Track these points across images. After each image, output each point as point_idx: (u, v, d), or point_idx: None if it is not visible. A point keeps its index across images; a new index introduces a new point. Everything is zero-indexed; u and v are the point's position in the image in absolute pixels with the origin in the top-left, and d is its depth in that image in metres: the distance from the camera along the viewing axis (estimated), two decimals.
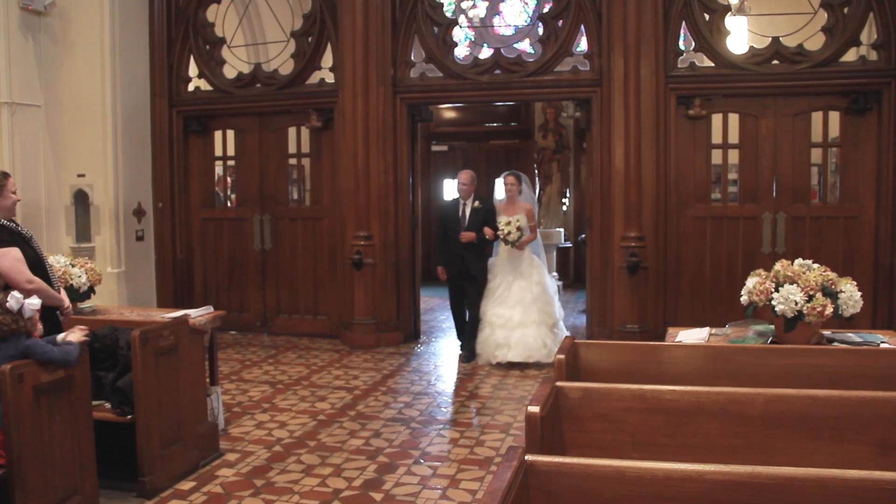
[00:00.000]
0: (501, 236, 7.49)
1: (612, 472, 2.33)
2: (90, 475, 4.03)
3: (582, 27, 7.90)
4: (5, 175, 4.38)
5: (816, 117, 7.60)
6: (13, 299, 3.66)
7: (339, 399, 6.43)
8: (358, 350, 8.22)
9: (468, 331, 7.84)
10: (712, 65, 7.65)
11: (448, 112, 13.84)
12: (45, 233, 7.96)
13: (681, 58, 7.70)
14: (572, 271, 13.07)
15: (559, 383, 3.24)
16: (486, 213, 7.67)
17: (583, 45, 8.32)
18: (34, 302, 3.70)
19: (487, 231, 7.59)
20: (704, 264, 7.72)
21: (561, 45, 7.90)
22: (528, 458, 2.39)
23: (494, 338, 7.53)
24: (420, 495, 4.47)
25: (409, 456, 5.12)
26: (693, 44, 7.76)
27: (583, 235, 12.52)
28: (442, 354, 8.21)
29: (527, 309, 7.49)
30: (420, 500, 4.40)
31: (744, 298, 4.47)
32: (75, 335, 3.82)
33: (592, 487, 2.35)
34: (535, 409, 2.87)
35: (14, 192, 4.38)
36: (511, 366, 7.49)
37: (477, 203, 7.70)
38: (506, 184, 7.79)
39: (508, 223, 7.44)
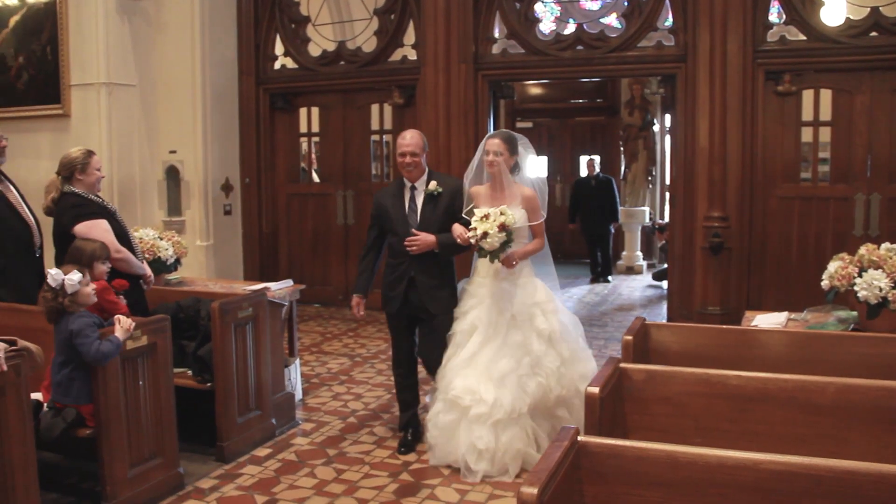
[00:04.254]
0: (473, 241, 4.32)
1: (665, 457, 2.32)
2: (171, 438, 4.23)
3: (667, 1, 7.70)
4: (90, 153, 4.60)
5: None
6: (52, 277, 3.81)
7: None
8: None
9: (411, 398, 4.99)
10: (804, 38, 7.34)
11: (533, 88, 13.72)
12: (139, 206, 8.31)
13: (770, 31, 7.42)
14: (658, 250, 12.84)
15: (623, 364, 3.23)
16: (452, 202, 4.69)
17: (668, 19, 8.11)
18: (76, 278, 3.82)
19: (458, 231, 4.51)
20: (791, 246, 7.47)
21: (645, 20, 7.72)
22: (581, 438, 2.40)
23: (462, 434, 4.40)
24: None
25: None
26: (784, 16, 7.46)
27: (650, 222, 12.39)
28: None
29: (521, 386, 4.40)
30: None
31: (825, 283, 4.32)
32: (121, 331, 3.85)
33: (644, 471, 2.34)
34: (594, 389, 2.88)
35: (98, 170, 4.59)
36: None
37: (433, 184, 4.71)
38: (487, 152, 4.56)
39: (485, 217, 4.27)
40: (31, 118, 8.12)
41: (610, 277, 11.49)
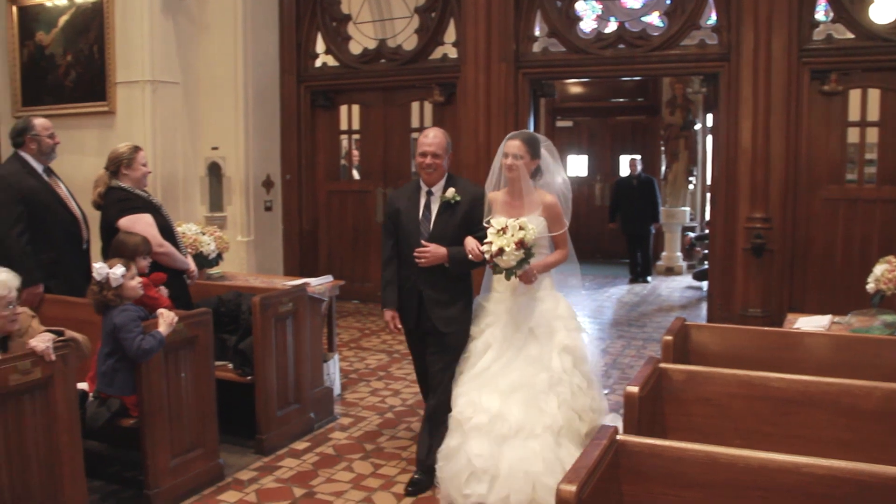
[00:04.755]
0: (487, 257, 3.89)
1: (705, 458, 2.31)
2: (211, 430, 4.30)
3: None
4: (136, 149, 4.68)
5: None
6: (97, 270, 3.89)
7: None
8: None
9: (425, 432, 4.33)
10: (852, 36, 7.21)
11: (574, 87, 13.67)
12: (182, 202, 8.43)
13: (816, 30, 7.30)
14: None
15: (663, 364, 3.21)
16: (471, 211, 4.22)
17: (712, 17, 8.01)
18: (119, 272, 3.89)
19: (470, 246, 4.06)
20: (835, 249, 7.34)
21: (688, 18, 7.65)
22: (620, 437, 2.40)
23: (466, 456, 3.82)
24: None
25: None
26: (831, 14, 7.34)
27: (691, 234, 12.23)
28: None
29: (536, 402, 3.87)
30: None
31: (870, 286, 4.25)
32: (164, 325, 3.92)
33: (683, 472, 2.33)
34: (634, 389, 2.87)
35: (144, 165, 4.67)
36: None
37: (451, 191, 4.22)
38: (506, 154, 4.13)
39: (502, 231, 3.85)
40: (78, 115, 8.28)
41: (649, 278, 11.39)
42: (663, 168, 12.77)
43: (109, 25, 8.08)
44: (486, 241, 3.90)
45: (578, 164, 14.32)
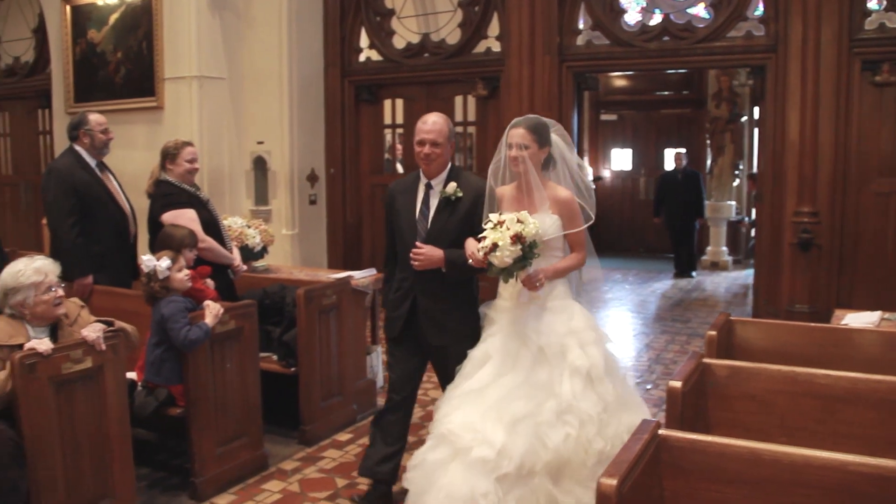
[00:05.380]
0: (481, 255, 3.40)
1: (749, 454, 2.28)
2: (256, 419, 4.38)
3: None
4: (183, 144, 4.77)
5: None
6: (145, 263, 3.98)
7: None
8: None
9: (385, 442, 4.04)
10: None
11: (618, 80, 13.57)
12: (228, 196, 8.55)
13: (868, 19, 7.13)
14: (744, 246, 12.54)
15: (706, 359, 3.18)
16: (474, 209, 3.75)
17: (759, 8, 7.88)
18: (165, 265, 3.97)
19: (471, 249, 3.56)
20: (886, 244, 7.16)
21: (734, 9, 7.52)
22: (662, 432, 2.38)
23: (450, 479, 3.37)
24: None
25: None
26: (884, 2, 7.17)
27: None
28: (602, 325, 8.10)
29: (539, 435, 3.38)
30: None
31: None
32: (210, 317, 4.00)
33: (726, 468, 2.31)
34: (676, 383, 2.85)
35: (189, 161, 4.75)
36: None
37: (452, 186, 3.77)
38: (509, 145, 3.67)
39: (499, 225, 3.39)
40: (127, 111, 8.43)
41: (694, 273, 11.27)
42: (708, 162, 12.61)
43: (158, 23, 8.21)
44: (480, 235, 3.45)
45: (622, 158, 14.21)
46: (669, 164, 11.87)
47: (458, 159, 9.55)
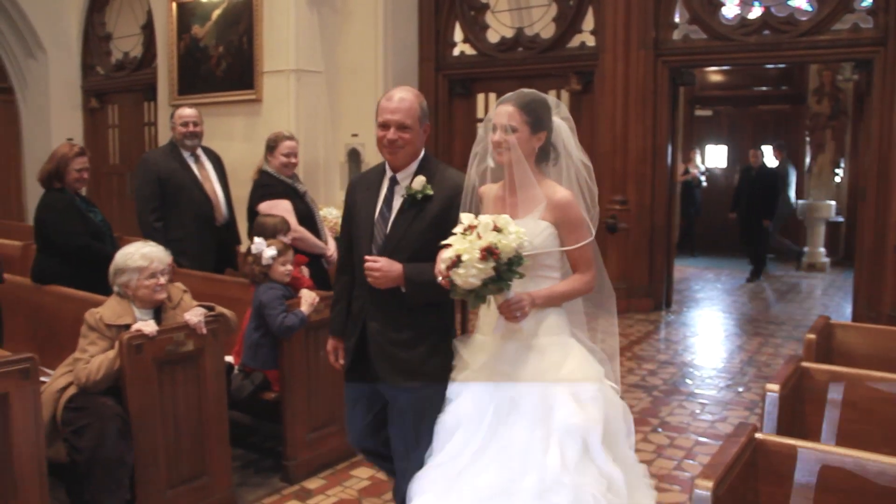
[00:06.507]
0: (443, 267, 2.55)
1: (851, 464, 2.22)
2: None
3: None
4: (283, 138, 4.93)
5: None
6: (255, 245, 4.12)
7: None
8: None
9: None
10: None
11: (714, 75, 13.23)
12: (322, 187, 8.72)
13: None
14: (843, 247, 12.07)
15: (805, 364, 3.10)
16: (445, 211, 2.93)
17: None
18: (270, 253, 4.10)
19: (440, 264, 2.61)
20: None
21: (840, 1, 7.25)
22: (759, 436, 2.34)
23: None
24: (654, 463, 4.47)
25: (647, 423, 5.10)
26: None
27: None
28: (693, 325, 7.99)
29: None
30: (654, 467, 4.39)
31: None
32: (306, 305, 4.10)
33: (827, 476, 2.25)
34: (774, 387, 2.79)
35: (286, 155, 4.90)
36: None
37: (419, 181, 2.97)
38: (494, 127, 2.85)
39: (469, 230, 2.56)
40: (227, 103, 8.69)
41: (761, 277, 10.66)
42: (807, 159, 12.19)
43: (258, 18, 8.43)
44: (444, 242, 2.59)
45: (718, 155, 13.87)
46: (768, 161, 11.48)
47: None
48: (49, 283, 4.68)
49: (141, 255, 3.63)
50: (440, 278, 2.58)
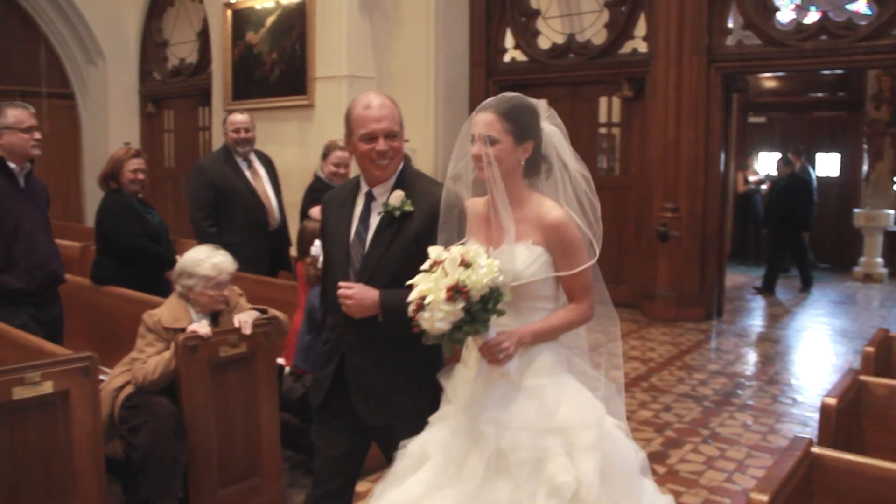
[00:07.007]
0: (410, 309, 2.23)
1: None
2: None
3: None
4: (335, 147, 4.99)
5: None
6: (315, 248, 4.16)
7: (633, 370, 6.42)
8: (657, 322, 8.10)
9: None
10: None
11: (767, 81, 13.03)
12: None
13: None
14: None
15: (863, 377, 3.03)
16: (427, 230, 2.57)
17: None
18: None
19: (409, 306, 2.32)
20: None
21: None
22: (815, 450, 2.30)
23: None
24: (704, 475, 4.40)
25: (697, 434, 5.04)
26: None
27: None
28: (745, 335, 7.86)
29: None
30: (704, 479, 4.34)
31: None
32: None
33: (887, 494, 2.20)
34: (831, 400, 2.73)
35: (335, 165, 4.98)
36: None
37: (397, 196, 2.63)
38: (474, 136, 2.45)
39: (433, 269, 2.24)
40: (280, 108, 8.83)
41: (775, 290, 10.14)
42: (865, 168, 11.92)
43: (311, 24, 8.55)
44: (409, 282, 2.31)
45: (771, 162, 13.63)
46: (822, 170, 11.23)
47: (602, 160, 9.42)
48: (107, 283, 4.80)
49: (212, 264, 3.69)
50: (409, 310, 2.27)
